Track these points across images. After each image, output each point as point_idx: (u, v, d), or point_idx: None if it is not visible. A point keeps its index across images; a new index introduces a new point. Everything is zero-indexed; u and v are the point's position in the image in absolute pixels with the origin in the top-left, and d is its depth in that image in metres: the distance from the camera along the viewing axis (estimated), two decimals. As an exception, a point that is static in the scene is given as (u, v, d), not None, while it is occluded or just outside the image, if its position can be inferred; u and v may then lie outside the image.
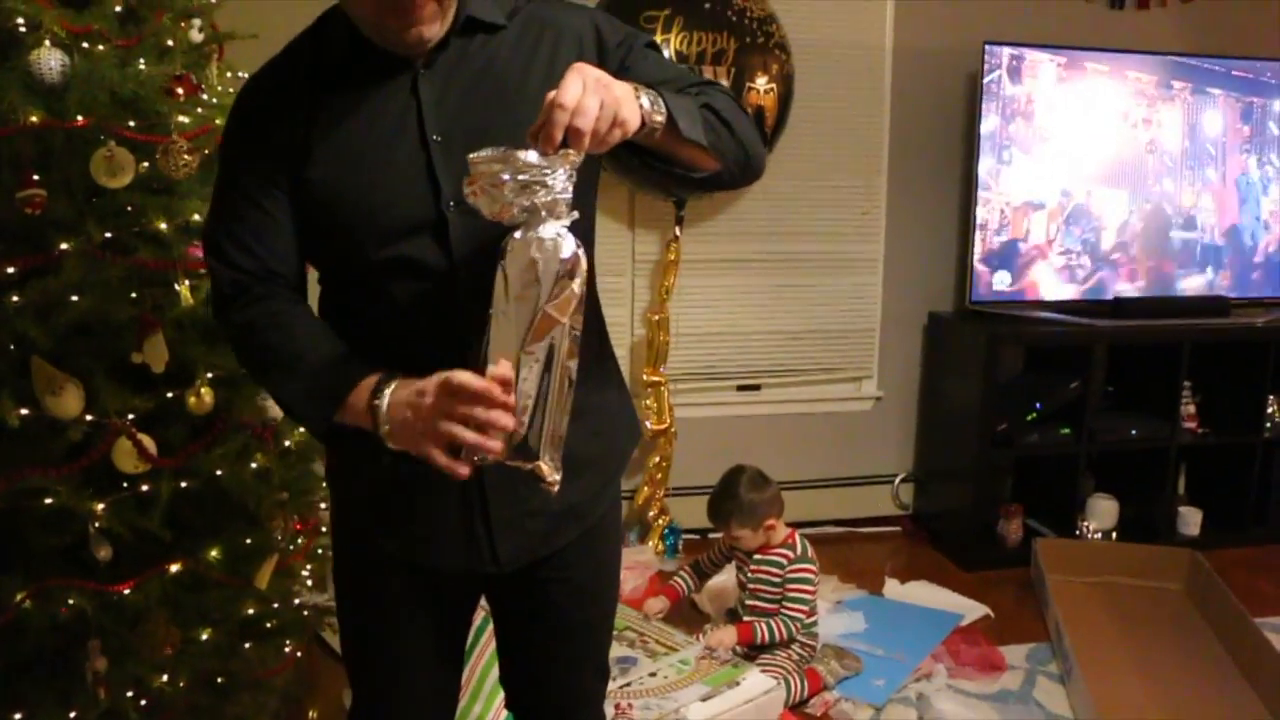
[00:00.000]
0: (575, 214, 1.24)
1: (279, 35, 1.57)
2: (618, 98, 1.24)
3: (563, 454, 1.34)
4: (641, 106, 1.29)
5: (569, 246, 1.23)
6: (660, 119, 1.32)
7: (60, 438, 2.11)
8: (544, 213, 1.22)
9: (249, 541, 2.39)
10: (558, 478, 1.32)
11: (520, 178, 1.19)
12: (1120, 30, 4.32)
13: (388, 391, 1.35)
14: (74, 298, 2.11)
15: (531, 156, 1.19)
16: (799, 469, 4.28)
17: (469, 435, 1.26)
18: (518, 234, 1.23)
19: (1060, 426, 4.11)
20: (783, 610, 3.12)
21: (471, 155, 1.21)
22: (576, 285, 1.24)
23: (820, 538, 4.06)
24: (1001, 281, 4.09)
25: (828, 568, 3.68)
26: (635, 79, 1.46)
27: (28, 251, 2.10)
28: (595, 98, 1.21)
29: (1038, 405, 4.11)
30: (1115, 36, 4.27)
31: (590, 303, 1.65)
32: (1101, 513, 4.16)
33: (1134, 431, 4.16)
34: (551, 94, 1.20)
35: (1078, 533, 4.14)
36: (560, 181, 1.21)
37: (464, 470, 1.29)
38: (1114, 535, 4.16)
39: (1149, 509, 4.24)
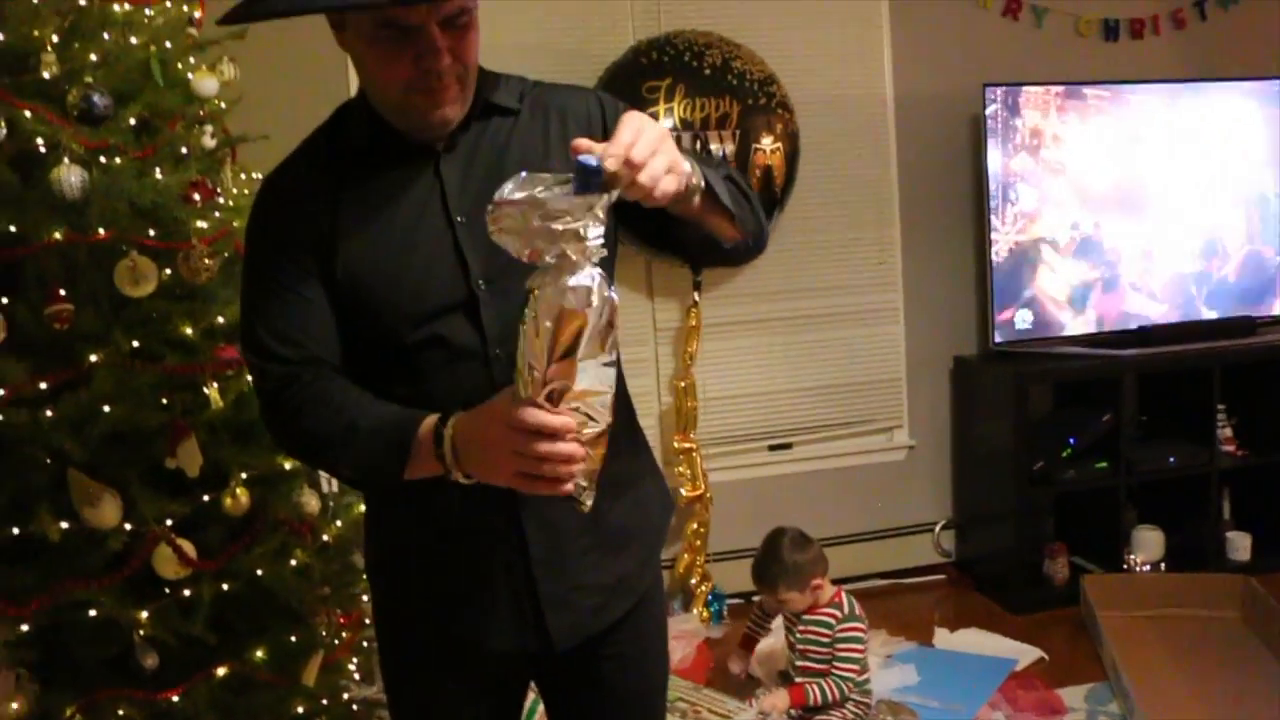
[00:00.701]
0: (604, 252, 1.20)
1: (289, 136, 1.60)
2: (676, 153, 1.27)
3: (604, 525, 1.33)
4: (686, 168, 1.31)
5: (601, 292, 1.19)
6: (699, 183, 1.34)
7: (100, 548, 2.12)
8: (575, 257, 1.17)
9: (294, 639, 2.38)
10: (590, 502, 1.31)
11: (550, 224, 1.16)
12: (1118, 62, 4.35)
13: (451, 422, 1.34)
14: (106, 408, 2.13)
15: (560, 202, 1.16)
16: (838, 524, 4.24)
17: (546, 473, 1.25)
18: (547, 283, 1.19)
19: (1097, 460, 4.07)
20: (834, 670, 3.08)
21: (497, 196, 1.18)
22: (612, 327, 1.21)
23: (865, 592, 4.01)
24: (1024, 320, 4.07)
25: (875, 621, 3.63)
26: None
27: (58, 366, 2.12)
28: (660, 153, 1.23)
29: (1072, 440, 4.07)
30: (1113, 68, 4.30)
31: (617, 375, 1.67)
32: (1147, 544, 4.10)
33: (1172, 459, 4.11)
34: (621, 138, 1.22)
35: (1125, 567, 4.07)
36: (592, 226, 1.17)
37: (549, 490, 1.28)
38: (1162, 566, 4.09)
39: (1195, 537, 4.17)
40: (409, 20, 1.36)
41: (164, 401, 2.23)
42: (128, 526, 2.13)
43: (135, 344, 2.21)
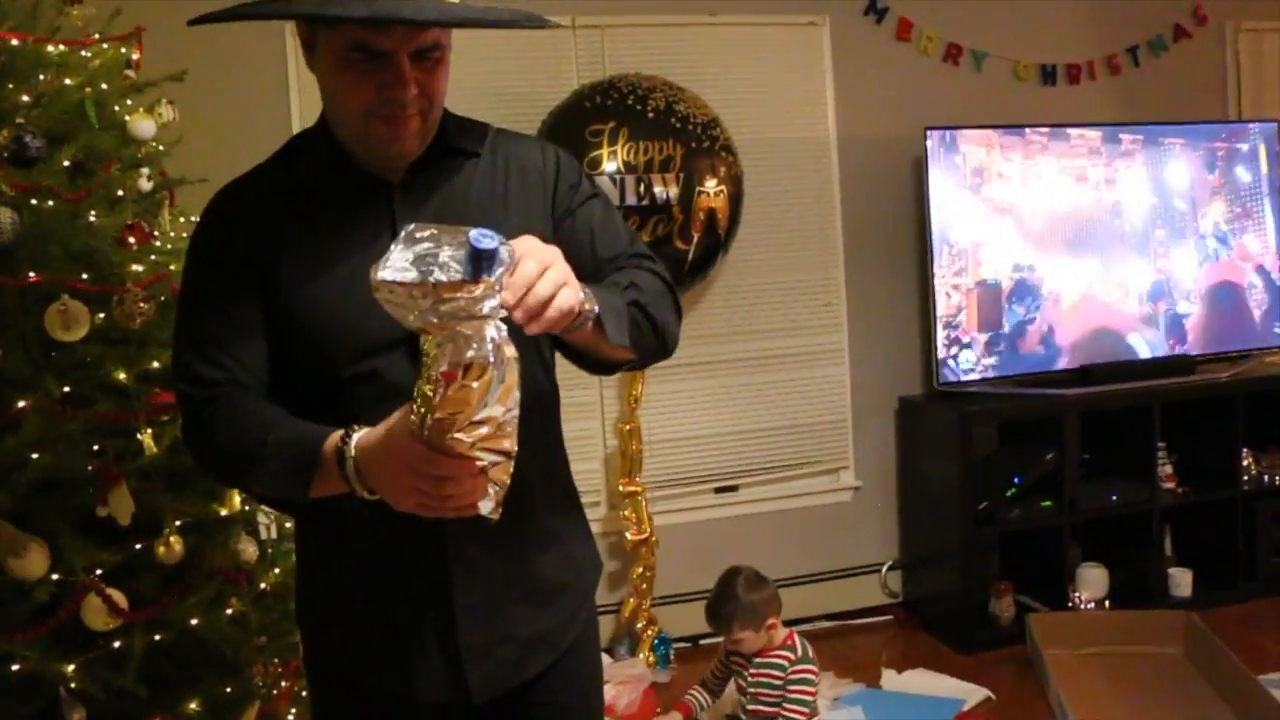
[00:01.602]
0: (502, 312, 1.18)
1: (229, 178, 1.58)
2: (572, 290, 1.27)
3: (534, 576, 1.31)
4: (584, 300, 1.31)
5: (499, 348, 1.16)
6: (592, 310, 1.33)
7: (26, 599, 2.05)
8: (469, 332, 1.14)
9: (229, 690, 2.32)
10: (498, 513, 1.28)
11: (441, 307, 1.12)
12: (1056, 106, 4.44)
13: (355, 438, 1.32)
14: (34, 455, 2.07)
15: (452, 287, 1.11)
16: (784, 566, 4.23)
17: (448, 513, 1.26)
18: (445, 340, 1.15)
19: (1041, 499, 4.10)
20: (783, 713, 3.06)
21: (380, 271, 1.13)
22: (507, 379, 1.19)
23: (813, 633, 4.01)
24: (967, 360, 4.12)
25: (823, 663, 3.61)
26: (577, 224, 1.53)
27: (-15, 412, 2.07)
28: (550, 283, 1.23)
29: (1016, 480, 4.10)
30: (1051, 112, 4.39)
31: (553, 434, 1.66)
32: (1092, 582, 4.13)
33: (1114, 497, 4.16)
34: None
35: (1070, 604, 4.10)
36: (487, 302, 1.14)
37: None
38: (1106, 603, 4.13)
39: (1139, 574, 4.21)
40: (381, 45, 1.36)
41: (95, 448, 2.18)
42: (55, 576, 2.07)
43: (66, 389, 2.15)
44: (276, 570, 2.55)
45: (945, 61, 4.36)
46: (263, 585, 2.50)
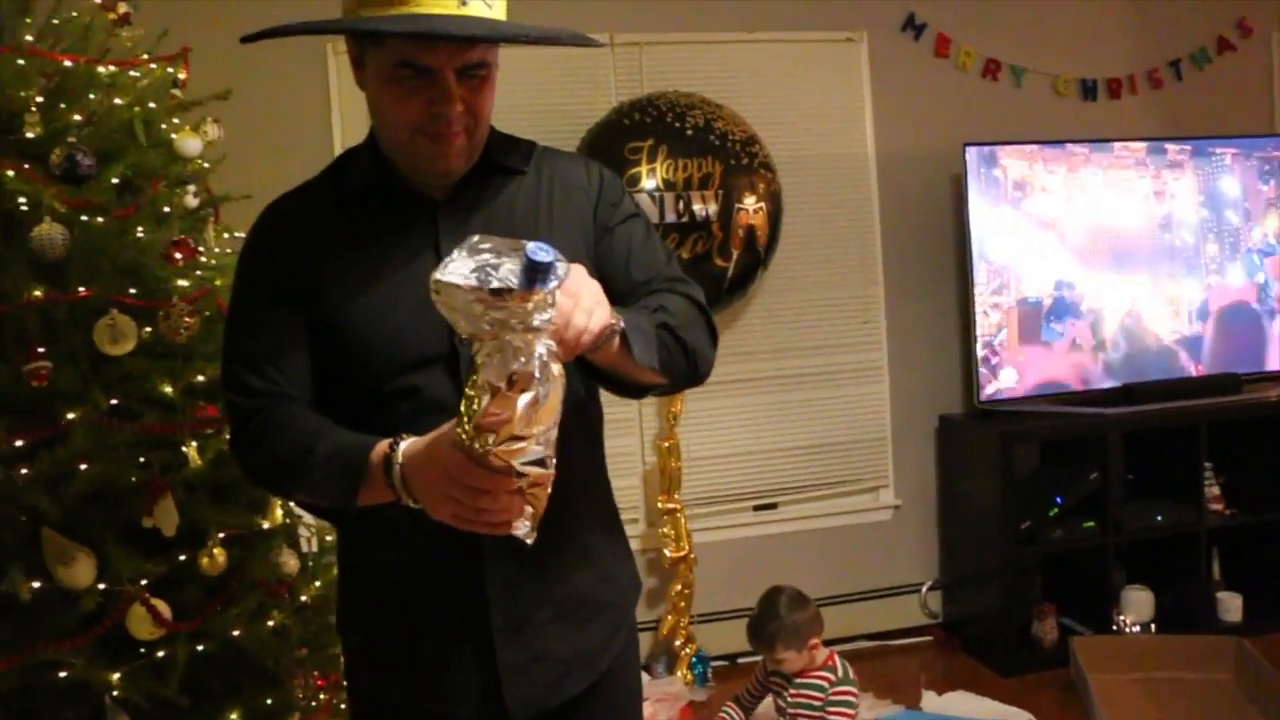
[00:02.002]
0: (552, 327, 1.19)
1: (272, 195, 1.60)
2: (603, 311, 1.27)
3: (572, 595, 1.31)
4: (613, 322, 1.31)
5: (546, 366, 1.18)
6: (614, 331, 1.33)
7: (73, 608, 2.08)
8: (519, 344, 1.16)
9: (270, 702, 2.34)
10: (531, 540, 1.28)
11: (495, 313, 1.14)
12: (1096, 121, 4.41)
13: (403, 446, 1.33)
14: (82, 466, 2.11)
15: (508, 295, 1.13)
16: (823, 585, 4.20)
17: (481, 528, 1.26)
18: (494, 352, 1.17)
19: (1084, 520, 4.05)
20: (822, 733, 3.04)
21: (441, 272, 1.16)
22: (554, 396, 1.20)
23: (852, 653, 3.96)
24: (1008, 378, 4.08)
25: (862, 684, 3.57)
26: (615, 243, 1.54)
27: (35, 423, 2.10)
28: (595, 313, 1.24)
29: (1059, 500, 4.06)
30: (1091, 127, 4.36)
31: (596, 451, 1.66)
32: (1137, 605, 4.07)
33: (1159, 518, 4.10)
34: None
35: (1114, 627, 4.04)
36: (539, 314, 1.15)
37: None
38: (1152, 627, 4.07)
39: (1185, 597, 4.14)
40: (427, 62, 1.38)
41: (142, 460, 2.21)
42: (101, 586, 2.10)
43: (114, 402, 2.19)
44: (317, 583, 2.58)
45: (984, 77, 4.35)
46: (303, 597, 2.52)
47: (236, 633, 2.27)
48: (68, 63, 2.34)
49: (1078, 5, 4.44)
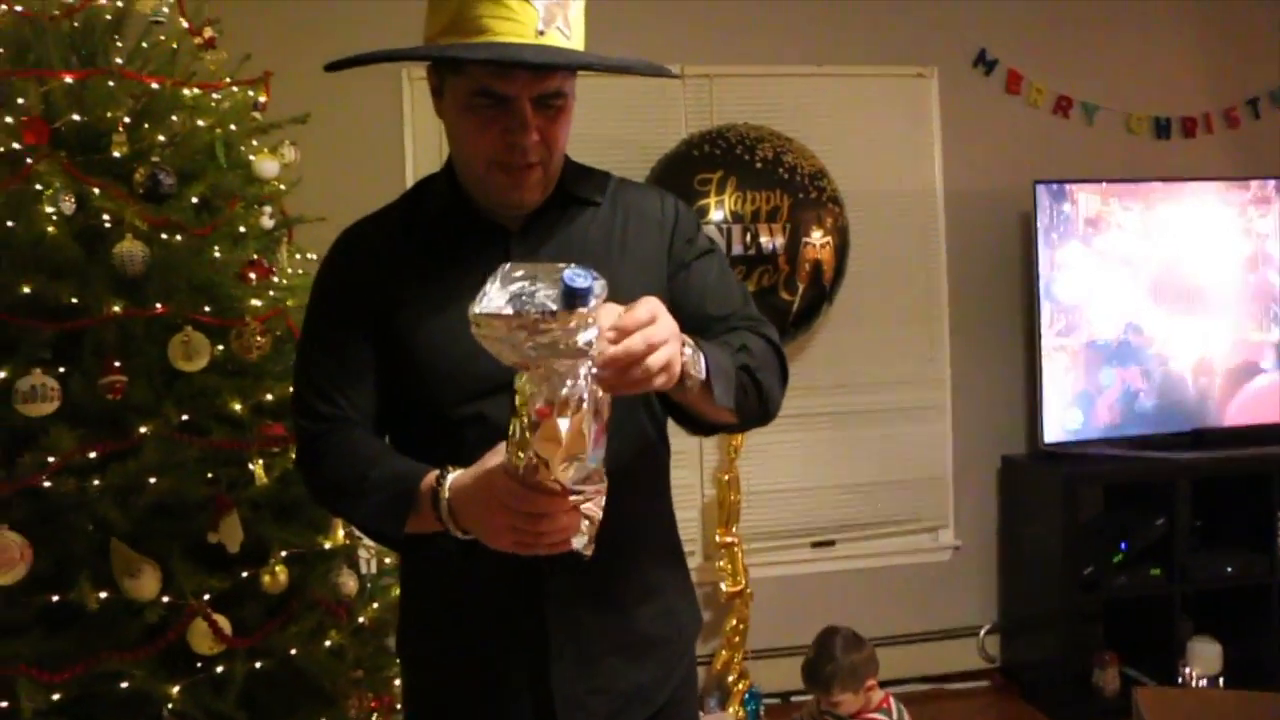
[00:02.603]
0: (594, 349, 1.17)
1: (346, 219, 1.63)
2: (674, 352, 1.25)
3: (632, 629, 1.33)
4: (684, 360, 1.29)
5: (592, 388, 1.17)
6: (697, 378, 1.32)
7: (137, 620, 2.11)
8: (562, 369, 1.15)
9: (323, 720, 2.36)
10: (590, 552, 1.29)
11: (538, 338, 1.13)
12: (1170, 160, 4.36)
13: (449, 479, 1.34)
14: (152, 480, 2.15)
15: (547, 319, 1.11)
16: (879, 625, 4.14)
17: (543, 543, 1.25)
18: (540, 378, 1.16)
19: (1150, 566, 3.97)
20: (876, 776, 2.99)
21: (479, 305, 1.14)
22: (601, 414, 1.20)
23: (907, 696, 3.91)
24: (1074, 420, 4.02)
25: (918, 727, 3.54)
26: (691, 278, 1.54)
27: (108, 436, 2.15)
28: (659, 349, 1.21)
29: (1124, 545, 3.98)
30: (1165, 166, 4.30)
31: (661, 486, 1.65)
32: (1204, 657, 3.97)
33: (1230, 568, 4.00)
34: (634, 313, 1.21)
35: (1180, 680, 3.94)
36: (582, 333, 1.13)
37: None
38: (1220, 681, 3.96)
39: (1256, 651, 4.03)
40: (504, 90, 1.39)
41: (209, 475, 2.25)
42: (165, 599, 2.13)
43: (185, 417, 2.23)
44: (375, 605, 2.59)
45: (1055, 114, 4.31)
46: (361, 619, 2.53)
47: (294, 651, 2.29)
48: (155, 85, 2.40)
49: (1151, 42, 4.40)
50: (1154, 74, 4.40)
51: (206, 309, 2.30)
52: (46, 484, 2.07)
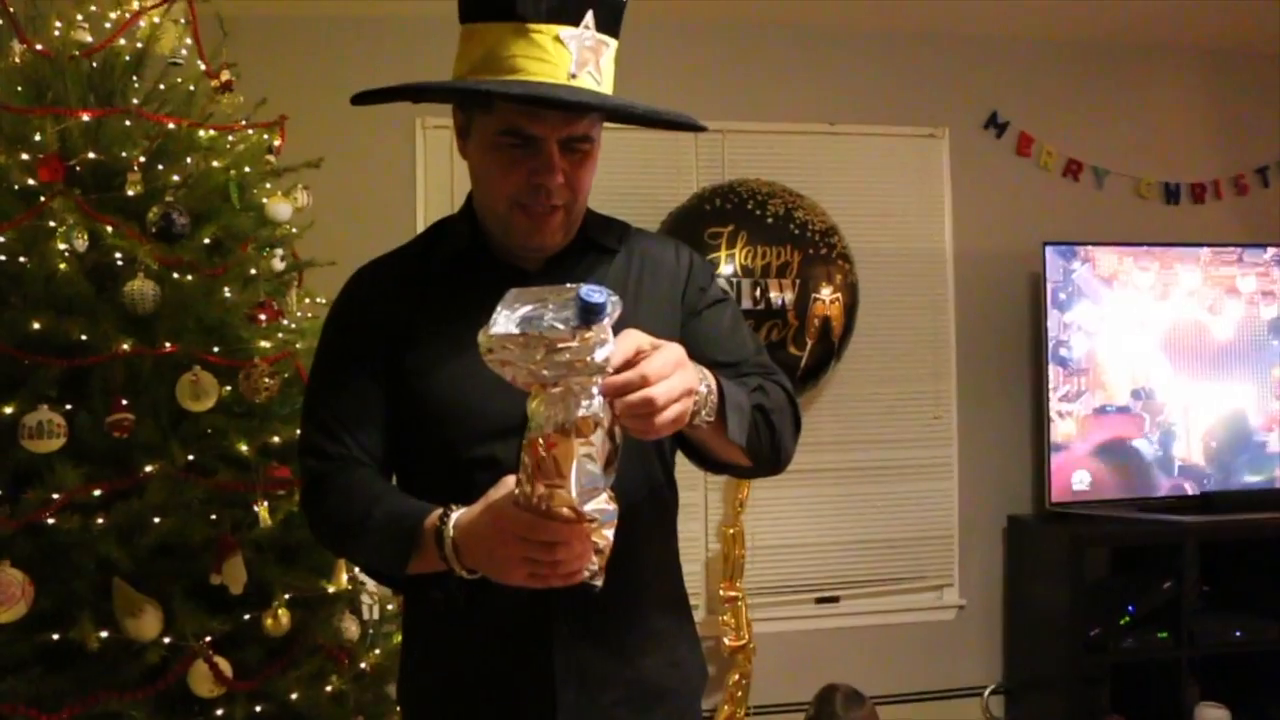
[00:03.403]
0: (608, 368, 1.17)
1: (356, 263, 1.62)
2: (685, 402, 1.24)
3: (639, 679, 1.35)
4: (697, 397, 1.28)
5: (605, 411, 1.17)
6: (708, 418, 1.31)
7: (138, 660, 2.10)
8: (577, 390, 1.15)
9: (322, 767, 2.33)
10: (600, 582, 1.27)
11: (554, 357, 1.13)
12: (1179, 225, 4.37)
13: (453, 517, 1.32)
14: (156, 519, 2.14)
15: (562, 334, 1.11)
16: (883, 683, 4.11)
17: (557, 582, 1.24)
18: (553, 401, 1.16)
19: (1157, 630, 3.92)
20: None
21: (491, 327, 1.15)
22: (613, 440, 1.19)
23: (911, 757, 3.87)
24: (1081, 481, 4.00)
25: (922, 789, 3.49)
26: (703, 326, 1.54)
27: (113, 474, 2.14)
28: (669, 391, 1.20)
29: (1131, 608, 3.94)
30: (1174, 231, 4.32)
31: (669, 535, 1.64)
32: (1212, 723, 3.93)
33: (1238, 633, 3.96)
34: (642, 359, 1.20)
35: (1186, 746, 3.90)
36: (598, 351, 1.13)
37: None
38: (1227, 748, 3.91)
39: (1264, 717, 3.98)
40: (532, 130, 1.39)
41: (213, 516, 2.24)
42: (167, 640, 2.12)
43: (190, 457, 2.23)
44: (376, 651, 2.57)
45: (1065, 177, 4.33)
46: (363, 665, 2.51)
47: (295, 696, 2.27)
48: (171, 125, 2.42)
49: (1162, 109, 4.43)
50: (1164, 140, 4.43)
51: (215, 349, 2.31)
52: (50, 521, 2.07)
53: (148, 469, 2.16)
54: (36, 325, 2.15)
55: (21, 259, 2.21)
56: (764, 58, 4.09)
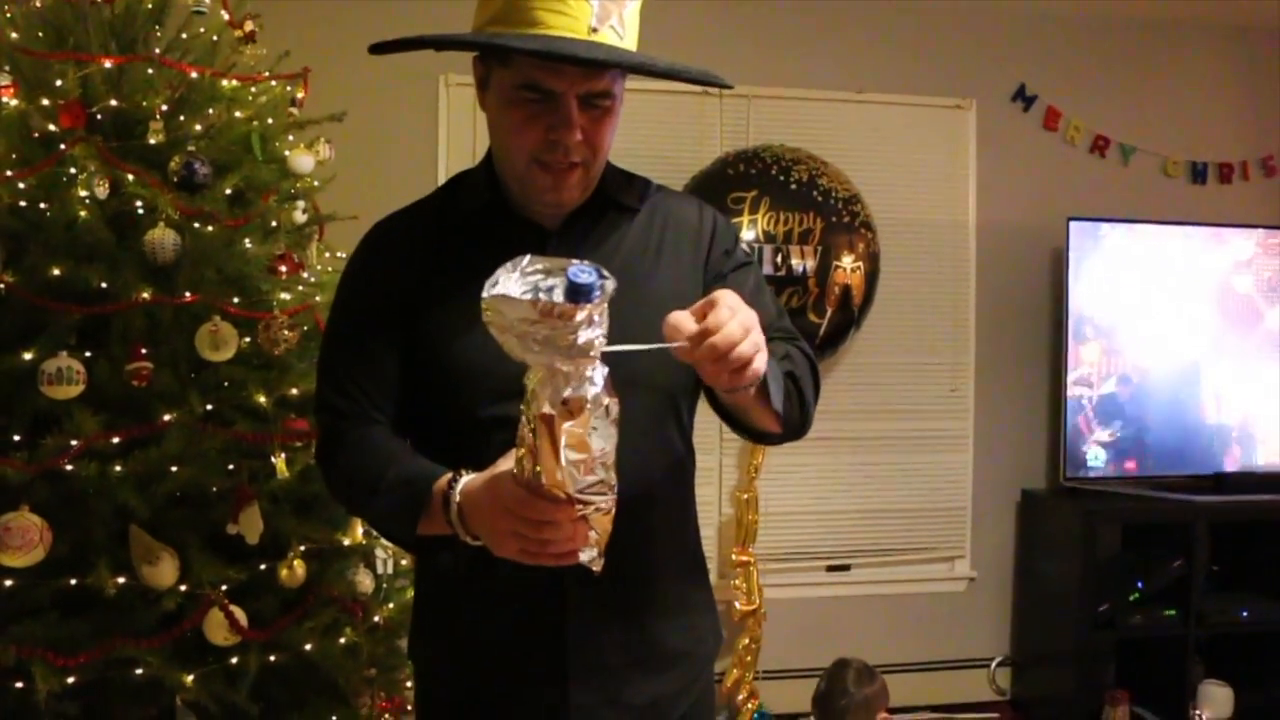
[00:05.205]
0: (602, 346, 1.15)
1: (377, 217, 1.60)
2: (761, 343, 1.23)
3: (653, 642, 1.35)
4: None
5: (600, 392, 1.15)
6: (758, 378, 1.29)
7: (154, 607, 2.11)
8: (567, 369, 1.13)
9: (334, 718, 2.34)
10: (599, 567, 1.26)
11: (545, 330, 1.11)
12: (1205, 205, 4.34)
13: (461, 482, 1.32)
14: (174, 468, 2.15)
15: (558, 295, 1.09)
16: (891, 652, 4.12)
17: (548, 560, 1.23)
18: (546, 380, 1.15)
19: (1165, 607, 3.93)
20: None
21: (489, 288, 1.12)
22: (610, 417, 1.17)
23: (916, 726, 3.89)
24: (1096, 457, 3.99)
25: (926, 758, 3.51)
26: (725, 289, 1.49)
27: (132, 422, 2.15)
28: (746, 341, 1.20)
29: (1140, 585, 3.94)
30: (1200, 211, 4.29)
31: (686, 499, 1.63)
32: (1216, 701, 3.92)
33: (1245, 613, 3.96)
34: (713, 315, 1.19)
35: (1190, 723, 3.91)
36: (584, 331, 1.11)
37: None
38: (1231, 726, 3.92)
39: (1269, 698, 3.99)
40: (551, 85, 1.36)
41: (230, 467, 2.25)
42: (183, 588, 2.13)
43: (209, 407, 2.23)
44: (390, 605, 2.58)
45: (1091, 153, 4.29)
46: (376, 618, 2.52)
47: (309, 646, 2.28)
48: (193, 74, 2.41)
49: (1191, 87, 4.38)
50: (1193, 119, 4.38)
51: (235, 300, 2.31)
52: (68, 467, 2.07)
53: (166, 418, 2.16)
54: (56, 272, 2.15)
55: (42, 205, 2.20)
56: (792, 23, 4.05)
